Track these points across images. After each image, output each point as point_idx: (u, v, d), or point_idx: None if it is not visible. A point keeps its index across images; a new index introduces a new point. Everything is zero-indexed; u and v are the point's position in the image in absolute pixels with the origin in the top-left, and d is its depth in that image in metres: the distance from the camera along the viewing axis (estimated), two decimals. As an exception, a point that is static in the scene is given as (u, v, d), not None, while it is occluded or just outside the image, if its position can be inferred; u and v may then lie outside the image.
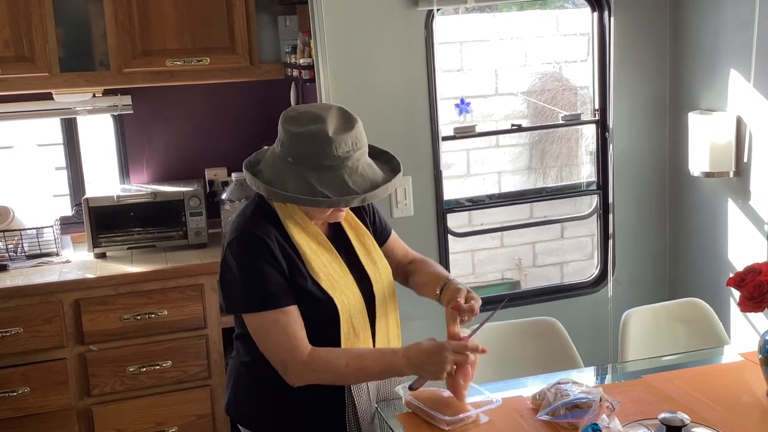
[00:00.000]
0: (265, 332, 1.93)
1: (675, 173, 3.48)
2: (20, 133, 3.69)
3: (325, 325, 1.97)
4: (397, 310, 2.16)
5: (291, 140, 1.90)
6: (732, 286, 2.13)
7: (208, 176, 3.76)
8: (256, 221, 1.96)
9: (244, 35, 3.37)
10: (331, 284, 1.98)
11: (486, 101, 5.02)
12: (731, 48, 3.08)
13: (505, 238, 5.18)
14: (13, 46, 3.16)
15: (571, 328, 2.68)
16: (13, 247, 3.39)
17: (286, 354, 1.91)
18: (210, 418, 3.29)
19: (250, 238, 1.93)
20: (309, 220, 2.01)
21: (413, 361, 1.91)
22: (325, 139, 1.86)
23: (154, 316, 3.17)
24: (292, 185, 1.88)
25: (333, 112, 1.92)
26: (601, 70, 3.41)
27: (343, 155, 1.88)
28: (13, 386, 3.08)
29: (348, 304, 1.99)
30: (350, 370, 1.92)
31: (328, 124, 1.88)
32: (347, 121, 1.91)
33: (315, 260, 1.98)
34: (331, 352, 1.94)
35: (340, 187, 1.88)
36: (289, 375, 1.93)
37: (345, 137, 1.88)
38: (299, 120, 1.91)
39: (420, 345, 1.92)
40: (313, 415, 2.04)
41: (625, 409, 1.96)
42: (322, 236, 2.02)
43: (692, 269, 3.47)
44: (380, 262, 2.13)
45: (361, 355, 1.95)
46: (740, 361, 2.34)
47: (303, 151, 1.88)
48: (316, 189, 1.86)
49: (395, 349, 1.97)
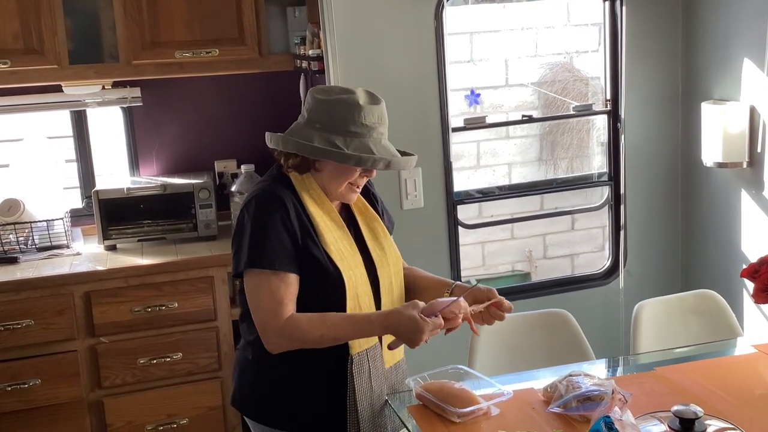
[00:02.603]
0: (257, 291, 1.94)
1: (687, 164, 3.46)
2: (30, 125, 3.70)
3: (332, 298, 1.97)
4: (403, 297, 2.16)
5: (320, 107, 1.98)
6: (745, 278, 2.12)
7: (218, 168, 3.76)
8: (276, 186, 2.00)
9: (253, 26, 3.36)
10: (341, 258, 1.99)
11: (496, 92, 5.00)
12: (744, 37, 3.05)
13: (515, 230, 5.17)
14: (22, 38, 3.16)
15: (583, 320, 2.67)
16: (24, 239, 3.40)
17: (266, 316, 1.92)
18: (221, 409, 3.29)
19: (268, 197, 1.97)
20: (325, 196, 2.03)
21: (389, 331, 1.91)
22: (355, 105, 1.94)
23: (164, 308, 3.17)
24: (320, 143, 1.94)
25: (361, 89, 2.01)
26: (613, 60, 3.39)
27: (370, 124, 1.95)
28: (25, 378, 3.09)
29: (355, 281, 2.00)
30: (324, 339, 1.93)
31: (358, 95, 1.97)
32: (375, 98, 2.00)
33: (327, 233, 2.00)
34: (308, 320, 1.92)
35: (366, 152, 1.95)
36: (267, 338, 1.93)
37: (373, 108, 1.97)
38: (329, 91, 2.01)
39: (400, 316, 1.88)
40: (315, 402, 2.04)
41: (638, 401, 1.95)
42: (335, 213, 2.05)
43: (705, 260, 3.45)
44: (389, 249, 2.13)
45: (336, 325, 1.93)
46: (754, 353, 2.33)
47: (332, 116, 1.95)
48: (343, 150, 1.93)
49: (371, 318, 1.94)
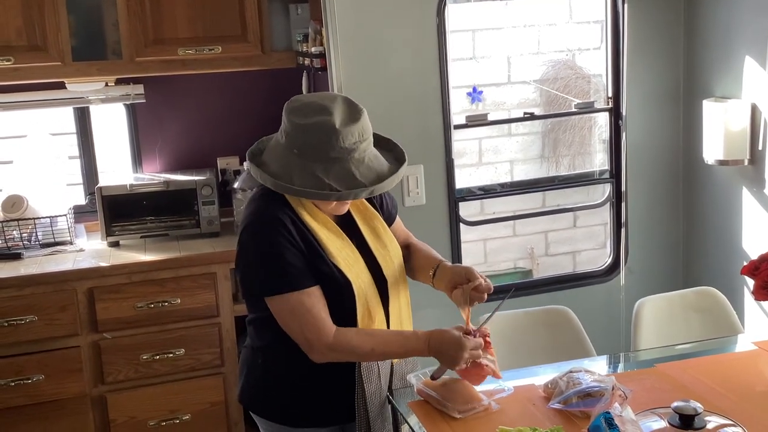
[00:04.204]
0: (290, 313, 1.93)
1: (689, 161, 3.46)
2: (33, 122, 3.71)
3: (343, 306, 1.97)
4: (408, 291, 2.17)
5: (296, 132, 1.89)
6: (746, 275, 2.13)
7: (221, 165, 3.77)
8: (271, 204, 1.96)
9: (255, 24, 3.37)
10: (348, 267, 1.98)
11: (498, 89, 4.99)
12: (746, 34, 3.05)
13: (517, 227, 5.17)
14: (25, 35, 3.17)
15: (584, 317, 2.67)
16: (27, 235, 3.41)
17: (312, 335, 1.92)
18: (223, 405, 3.31)
19: (267, 220, 1.93)
20: (317, 209, 2.00)
21: (434, 347, 1.94)
22: (331, 131, 1.85)
23: (167, 304, 3.18)
24: (299, 178, 1.87)
25: (338, 103, 1.91)
26: (615, 58, 3.39)
27: (349, 147, 1.86)
28: (28, 374, 3.10)
29: (363, 287, 2.00)
30: (375, 353, 1.96)
31: (335, 115, 1.87)
32: (353, 113, 1.90)
33: (330, 244, 1.98)
34: (357, 335, 1.95)
35: (347, 180, 1.87)
36: (314, 354, 1.94)
37: (351, 129, 1.87)
38: (304, 111, 1.89)
39: (444, 334, 1.95)
40: (324, 401, 2.05)
41: (638, 397, 1.96)
42: (331, 223, 2.02)
43: (706, 258, 3.46)
44: (390, 245, 2.12)
45: (385, 341, 1.97)
46: (754, 350, 2.33)
47: (309, 143, 1.87)
48: (323, 182, 1.86)
49: (418, 334, 1.98)
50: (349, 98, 1.94)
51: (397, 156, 2.02)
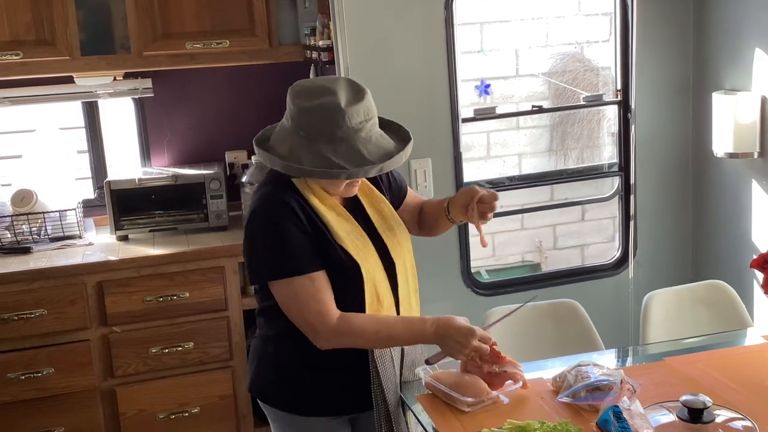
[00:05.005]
0: (294, 299, 1.93)
1: (698, 154, 3.45)
2: (42, 116, 3.72)
3: (351, 291, 1.97)
4: (416, 276, 2.17)
5: (302, 114, 1.90)
6: (755, 268, 2.11)
7: (229, 159, 3.77)
8: (279, 189, 1.97)
9: (263, 17, 3.36)
10: (356, 251, 1.98)
11: (506, 82, 4.99)
12: (756, 27, 3.03)
13: (525, 221, 5.16)
14: (34, 29, 3.18)
15: (592, 311, 2.67)
16: (37, 229, 3.42)
17: (315, 320, 1.92)
18: (232, 398, 3.32)
19: (274, 204, 1.94)
20: (325, 193, 2.00)
21: (440, 333, 1.93)
22: (337, 110, 1.86)
23: (176, 298, 3.19)
24: (308, 159, 1.88)
25: (342, 84, 1.92)
26: (624, 50, 3.37)
27: (356, 126, 1.88)
28: (38, 367, 3.12)
29: (372, 272, 2.00)
30: (380, 337, 1.95)
31: (339, 95, 1.88)
32: (357, 92, 1.92)
33: (339, 228, 1.98)
34: (361, 319, 1.95)
35: (356, 158, 1.87)
36: (319, 340, 1.94)
37: (357, 108, 1.88)
38: (309, 94, 1.90)
39: (452, 321, 1.94)
40: (335, 390, 2.05)
41: (647, 391, 1.95)
42: (340, 207, 2.02)
43: (715, 251, 3.44)
44: (398, 229, 2.12)
45: (390, 324, 1.97)
46: (763, 344, 2.32)
47: (315, 125, 1.88)
48: (332, 161, 1.86)
49: (425, 319, 1.98)
50: (351, 79, 1.96)
51: (402, 136, 2.02)
